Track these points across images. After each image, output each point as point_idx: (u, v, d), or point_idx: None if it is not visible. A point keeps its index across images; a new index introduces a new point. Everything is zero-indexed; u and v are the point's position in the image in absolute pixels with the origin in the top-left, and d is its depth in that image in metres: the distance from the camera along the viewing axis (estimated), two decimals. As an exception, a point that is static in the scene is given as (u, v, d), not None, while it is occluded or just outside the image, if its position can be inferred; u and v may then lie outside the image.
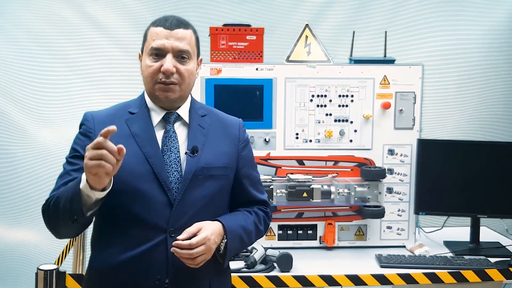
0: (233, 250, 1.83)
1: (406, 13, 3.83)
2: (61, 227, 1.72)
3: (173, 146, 1.80)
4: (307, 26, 2.83)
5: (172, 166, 1.78)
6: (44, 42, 3.62)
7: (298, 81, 2.76)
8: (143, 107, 1.85)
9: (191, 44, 1.80)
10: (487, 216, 2.86)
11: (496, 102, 3.92)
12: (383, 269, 2.51)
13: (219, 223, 1.78)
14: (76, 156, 1.78)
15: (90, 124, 1.81)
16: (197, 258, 1.69)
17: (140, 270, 1.74)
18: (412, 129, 2.81)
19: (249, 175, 1.95)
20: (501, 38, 3.84)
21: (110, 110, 1.89)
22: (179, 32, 1.78)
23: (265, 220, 1.97)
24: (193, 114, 1.87)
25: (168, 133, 1.81)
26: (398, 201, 2.85)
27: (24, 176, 3.65)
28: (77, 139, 1.82)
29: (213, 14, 3.65)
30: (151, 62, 1.78)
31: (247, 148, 1.96)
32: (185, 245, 1.67)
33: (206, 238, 1.70)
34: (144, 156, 1.76)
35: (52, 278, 2.29)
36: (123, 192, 1.71)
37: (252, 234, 1.90)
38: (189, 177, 1.77)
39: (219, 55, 2.76)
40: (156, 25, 1.79)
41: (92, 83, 3.66)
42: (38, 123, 3.64)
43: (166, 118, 1.83)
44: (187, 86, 1.82)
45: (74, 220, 1.63)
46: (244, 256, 2.54)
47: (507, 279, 2.51)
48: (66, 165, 1.80)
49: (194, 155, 1.79)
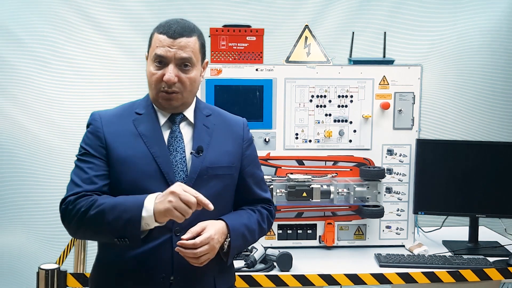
0: (237, 248, 1.85)
1: (405, 13, 3.84)
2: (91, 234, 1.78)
3: (179, 146, 1.82)
4: (307, 27, 2.84)
5: (178, 166, 1.80)
6: (48, 43, 3.63)
7: (298, 82, 2.77)
8: (150, 107, 1.87)
9: (194, 51, 1.81)
10: (485, 216, 2.87)
11: (495, 102, 3.93)
12: (382, 269, 2.52)
13: (222, 222, 1.80)
14: (87, 154, 1.80)
15: (98, 123, 1.83)
16: (201, 257, 1.71)
17: (145, 268, 1.77)
18: (411, 129, 2.83)
19: (253, 174, 1.97)
20: (500, 38, 3.85)
21: (116, 110, 1.91)
22: (182, 41, 1.78)
23: (268, 218, 1.99)
24: (198, 114, 1.90)
25: (174, 133, 1.84)
26: (397, 201, 2.86)
27: (25, 176, 3.66)
28: (86, 138, 1.84)
29: (214, 15, 3.65)
30: (154, 70, 1.80)
31: (251, 147, 1.98)
32: (189, 245, 1.69)
33: (210, 237, 1.72)
34: (151, 156, 1.79)
35: (54, 278, 2.30)
36: (131, 191, 1.74)
37: (255, 233, 1.92)
38: (194, 177, 1.80)
39: (219, 55, 2.78)
40: (160, 31, 1.80)
41: (95, 85, 3.67)
42: (40, 124, 3.64)
43: (171, 118, 1.86)
44: (190, 94, 1.84)
45: (123, 240, 1.68)
46: (244, 255, 2.55)
47: (505, 279, 2.53)
48: (79, 163, 1.81)
49: (199, 155, 1.81)
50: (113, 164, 1.79)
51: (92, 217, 1.69)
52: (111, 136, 1.81)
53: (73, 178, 1.80)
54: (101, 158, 1.79)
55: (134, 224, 1.65)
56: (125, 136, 1.81)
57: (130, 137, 1.80)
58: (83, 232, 1.78)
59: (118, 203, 1.69)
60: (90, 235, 1.82)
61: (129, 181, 1.76)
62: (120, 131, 1.82)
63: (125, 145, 1.80)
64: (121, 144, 1.80)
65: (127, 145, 1.80)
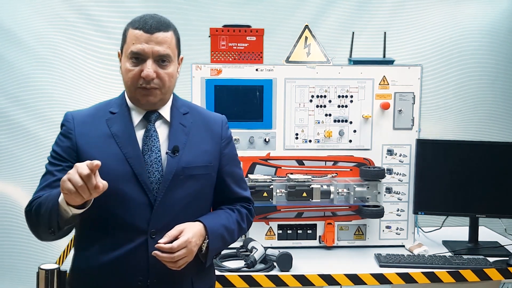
0: (215, 250, 1.83)
1: (405, 13, 3.85)
2: (41, 233, 1.73)
3: (154, 145, 1.78)
4: (307, 27, 2.84)
5: (153, 166, 1.76)
6: (48, 43, 3.63)
7: (298, 82, 2.77)
8: (124, 106, 1.82)
9: (171, 47, 1.77)
10: (485, 216, 2.87)
11: (495, 102, 3.93)
12: (382, 269, 2.52)
13: (200, 224, 1.77)
14: (58, 157, 1.78)
15: (70, 125, 1.79)
16: (178, 261, 1.69)
17: (121, 271, 1.73)
18: (411, 129, 2.83)
19: (232, 172, 1.94)
20: (500, 38, 3.86)
21: (91, 109, 1.87)
22: (159, 36, 1.74)
23: (248, 217, 1.97)
24: (175, 112, 1.85)
25: (149, 132, 1.79)
26: (397, 201, 2.86)
27: (25, 176, 3.66)
28: (58, 140, 1.81)
29: (214, 15, 3.66)
30: (131, 66, 1.74)
31: (230, 145, 1.95)
32: (167, 248, 1.66)
33: (188, 241, 1.69)
34: (124, 156, 1.74)
35: (53, 278, 2.29)
36: (105, 194, 1.67)
37: (234, 233, 1.90)
38: (169, 178, 1.75)
39: (219, 55, 2.77)
40: (135, 27, 1.75)
41: (95, 85, 3.67)
42: (40, 124, 3.65)
43: (146, 117, 1.81)
44: (168, 90, 1.80)
45: (52, 231, 1.64)
46: (244, 255, 2.55)
47: (505, 279, 2.53)
48: (48, 166, 1.79)
49: (175, 155, 1.77)
50: None
51: (33, 215, 1.69)
52: (83, 138, 1.77)
53: (41, 181, 1.78)
54: (71, 161, 1.74)
55: (54, 211, 1.60)
56: (97, 137, 1.77)
57: (102, 138, 1.76)
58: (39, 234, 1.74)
59: (48, 195, 1.67)
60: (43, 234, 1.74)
61: None
62: (93, 132, 1.78)
63: (97, 147, 1.75)
64: (93, 146, 1.75)
65: (99, 147, 1.75)
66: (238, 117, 2.71)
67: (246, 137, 2.74)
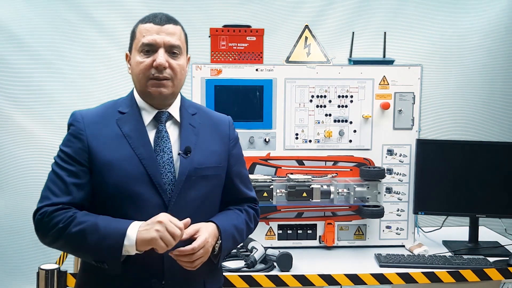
0: (227, 250, 1.83)
1: (405, 13, 3.85)
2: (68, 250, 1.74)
3: (166, 146, 1.76)
4: (307, 27, 2.84)
5: (165, 167, 1.75)
6: (48, 43, 3.64)
7: (298, 82, 2.77)
8: (134, 106, 1.80)
9: (181, 40, 1.78)
10: (485, 216, 2.87)
11: (495, 102, 3.93)
12: (382, 269, 2.52)
13: (213, 224, 1.78)
14: (67, 158, 1.71)
15: (80, 125, 1.74)
16: (195, 260, 1.69)
17: (135, 272, 1.72)
18: (411, 129, 2.83)
19: (240, 173, 1.94)
20: (500, 38, 3.86)
21: (99, 109, 1.83)
22: (170, 27, 1.75)
23: (255, 217, 1.97)
24: (184, 112, 1.84)
25: (161, 133, 1.78)
26: (397, 201, 2.86)
27: (25, 176, 3.66)
28: (67, 141, 1.75)
29: (214, 15, 3.66)
30: (142, 58, 1.73)
31: (237, 146, 1.95)
32: (189, 251, 1.66)
33: (205, 241, 1.70)
34: (137, 157, 1.72)
35: (54, 278, 2.30)
36: (117, 195, 1.69)
37: (244, 232, 1.90)
38: (183, 179, 1.75)
39: (219, 56, 2.78)
40: (145, 21, 1.75)
41: (96, 85, 3.67)
42: (40, 124, 3.65)
43: (157, 117, 1.80)
44: (179, 82, 1.79)
45: (102, 263, 1.64)
46: (244, 255, 2.55)
47: (505, 279, 2.53)
48: (57, 168, 1.72)
49: (187, 156, 1.76)
50: (97, 168, 1.70)
51: (72, 234, 1.63)
52: (94, 139, 1.72)
53: (50, 185, 1.70)
54: (82, 163, 1.71)
55: (114, 252, 1.61)
56: (109, 137, 1.73)
57: (114, 139, 1.73)
58: (59, 247, 1.70)
59: (100, 226, 1.63)
60: (67, 250, 1.76)
61: (115, 185, 1.68)
62: (104, 132, 1.74)
63: (109, 148, 1.72)
64: (105, 146, 1.72)
65: (111, 148, 1.72)
66: (238, 117, 2.68)
67: (246, 137, 2.74)
